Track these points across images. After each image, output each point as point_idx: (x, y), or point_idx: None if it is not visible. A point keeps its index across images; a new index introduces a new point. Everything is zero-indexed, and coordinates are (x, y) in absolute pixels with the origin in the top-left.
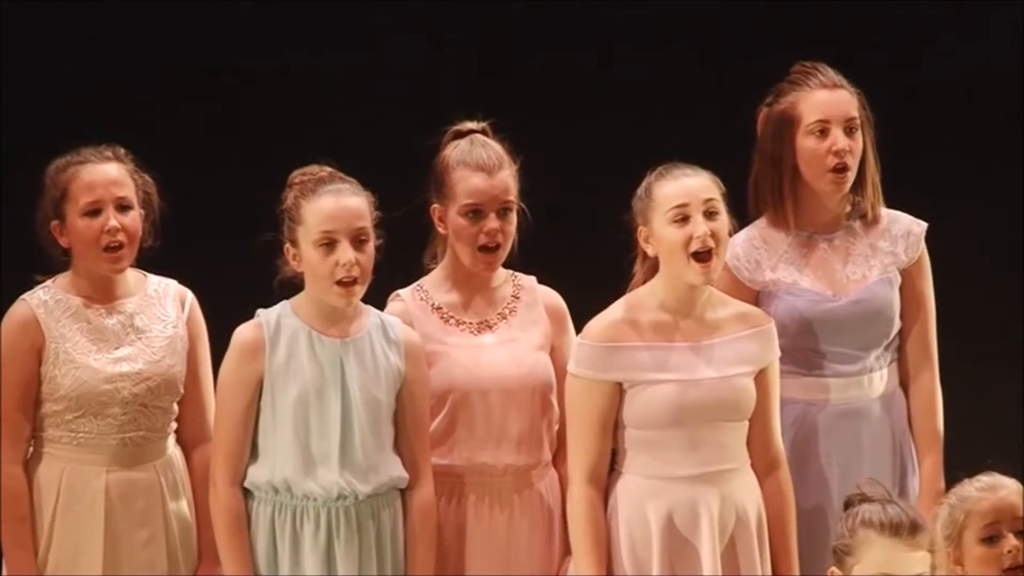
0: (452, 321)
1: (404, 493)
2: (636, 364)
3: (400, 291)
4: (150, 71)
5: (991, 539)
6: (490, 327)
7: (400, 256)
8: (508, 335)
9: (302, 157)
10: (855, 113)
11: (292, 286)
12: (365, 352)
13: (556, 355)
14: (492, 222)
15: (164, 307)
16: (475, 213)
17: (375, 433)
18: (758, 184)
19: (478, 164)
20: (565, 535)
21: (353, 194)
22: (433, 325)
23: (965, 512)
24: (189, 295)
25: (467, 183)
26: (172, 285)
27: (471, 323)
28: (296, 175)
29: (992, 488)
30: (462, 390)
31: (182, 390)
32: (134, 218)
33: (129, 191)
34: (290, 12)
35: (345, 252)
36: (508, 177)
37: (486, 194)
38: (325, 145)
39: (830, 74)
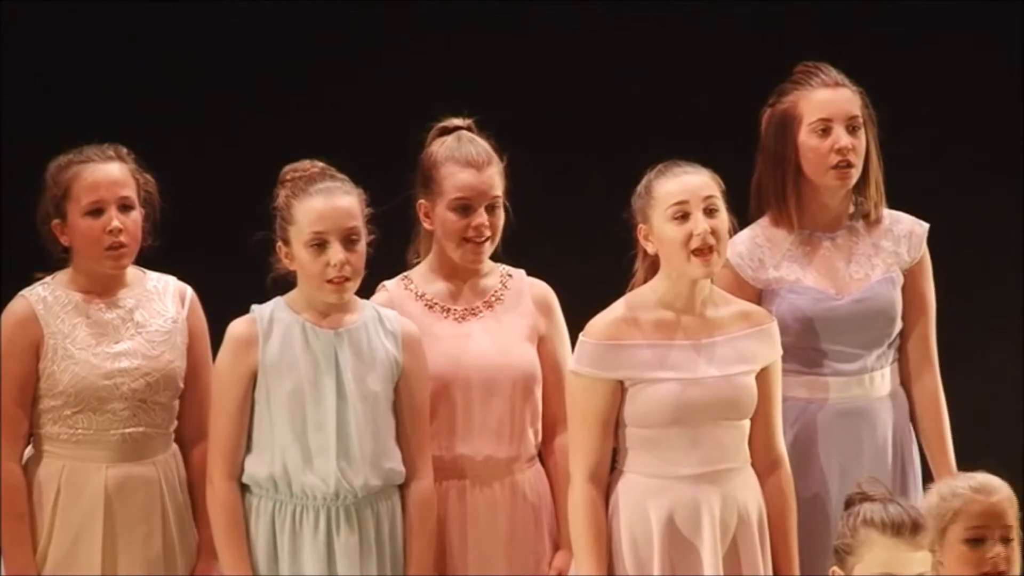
0: (437, 308)
1: (402, 486)
2: (637, 362)
3: (386, 282)
4: (150, 71)
5: (975, 541)
6: (475, 315)
7: (387, 253)
8: (493, 324)
9: (296, 153)
10: (857, 112)
11: (287, 283)
12: (360, 342)
13: (544, 346)
14: (480, 217)
15: (164, 303)
16: (463, 209)
17: (371, 424)
18: (761, 184)
19: (467, 160)
20: (552, 529)
21: (344, 193)
22: (417, 313)
23: (954, 509)
24: (189, 291)
25: (456, 179)
26: (171, 281)
27: (456, 310)
28: (287, 171)
29: (986, 490)
30: (443, 379)
31: (182, 386)
32: (136, 218)
33: (131, 191)
34: (287, 12)
35: (336, 253)
36: (496, 173)
37: (475, 189)
38: (320, 142)
39: (832, 73)
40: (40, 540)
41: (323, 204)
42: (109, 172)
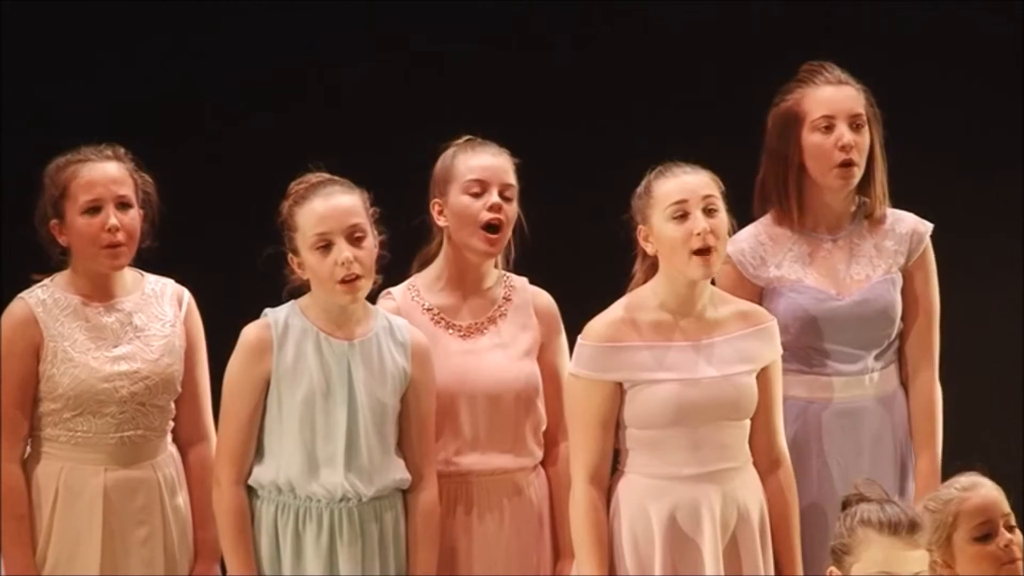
0: (442, 323)
1: (407, 495)
2: (636, 364)
3: (391, 289)
4: (153, 72)
5: (985, 537)
6: (479, 331)
7: (396, 267)
8: (497, 339)
9: (305, 155)
10: (861, 110)
11: (300, 293)
12: (372, 354)
13: (546, 355)
14: (495, 198)
15: (162, 306)
16: (479, 190)
17: (380, 436)
18: (764, 182)
19: (481, 148)
20: (556, 538)
21: (343, 193)
22: (422, 327)
23: (952, 514)
24: (186, 294)
25: (470, 162)
26: (169, 284)
27: (460, 326)
28: (292, 185)
29: (973, 486)
30: (449, 394)
31: (179, 389)
32: (134, 217)
33: (129, 190)
34: (289, 16)
35: (342, 251)
36: (509, 163)
37: (489, 170)
38: (327, 148)
39: (836, 71)
40: (39, 541)
41: (323, 205)
42: (107, 171)
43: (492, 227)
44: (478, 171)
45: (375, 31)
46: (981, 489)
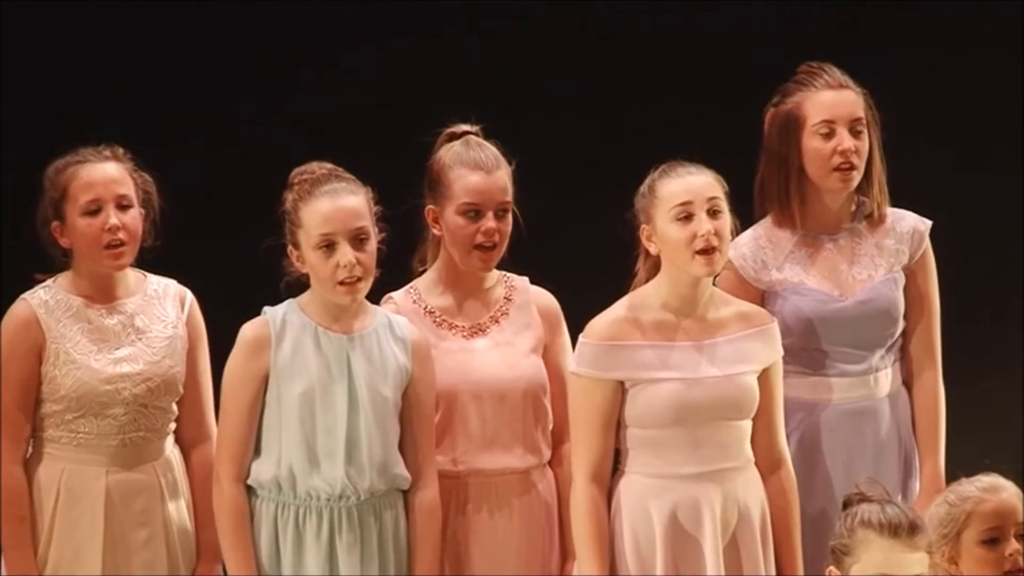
0: (444, 324)
1: (407, 494)
2: (638, 363)
3: (392, 293)
4: (152, 72)
5: (993, 541)
6: (482, 331)
7: (394, 258)
8: (500, 338)
9: (303, 155)
10: (861, 114)
11: (299, 287)
12: (372, 348)
13: (549, 355)
14: (490, 221)
15: (164, 307)
16: (474, 213)
17: (382, 429)
18: (764, 184)
19: (476, 163)
20: (563, 539)
21: (350, 193)
22: (425, 328)
23: (966, 512)
24: (189, 295)
25: (465, 182)
26: (172, 285)
27: (463, 327)
28: (295, 175)
29: (994, 489)
30: (454, 394)
31: (182, 390)
32: (134, 216)
33: (129, 189)
34: (289, 16)
35: (345, 253)
36: (505, 177)
37: (485, 193)
38: (328, 143)
39: (836, 74)
40: (40, 542)
41: (329, 206)
42: (106, 171)
43: (487, 247)
44: (473, 195)
45: (375, 30)
46: (1002, 493)
